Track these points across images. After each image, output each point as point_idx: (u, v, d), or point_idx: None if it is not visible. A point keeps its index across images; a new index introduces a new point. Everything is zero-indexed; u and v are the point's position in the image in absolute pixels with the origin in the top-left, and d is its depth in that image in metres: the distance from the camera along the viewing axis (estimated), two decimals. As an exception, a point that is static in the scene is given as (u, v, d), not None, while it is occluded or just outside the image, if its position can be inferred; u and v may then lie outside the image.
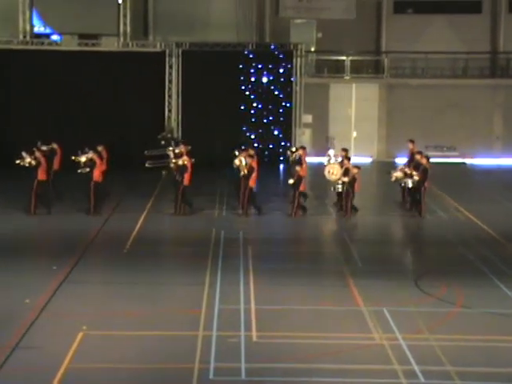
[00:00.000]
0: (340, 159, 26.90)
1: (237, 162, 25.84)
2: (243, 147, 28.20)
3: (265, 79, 38.03)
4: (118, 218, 24.87)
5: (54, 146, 28.07)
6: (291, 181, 25.35)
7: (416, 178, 25.44)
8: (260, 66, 37.95)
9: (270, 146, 38.21)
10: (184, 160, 25.45)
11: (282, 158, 38.05)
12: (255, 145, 35.24)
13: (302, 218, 25.82)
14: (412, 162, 26.81)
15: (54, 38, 37.38)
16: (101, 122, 35.88)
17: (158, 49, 37.50)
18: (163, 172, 31.32)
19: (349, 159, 26.87)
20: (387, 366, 13.09)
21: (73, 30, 37.07)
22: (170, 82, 37.09)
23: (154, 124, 36.39)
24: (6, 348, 13.54)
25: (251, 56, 38.01)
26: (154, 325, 15.08)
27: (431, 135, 40.04)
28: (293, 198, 25.65)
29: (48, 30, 37.33)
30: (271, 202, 27.85)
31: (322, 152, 39.81)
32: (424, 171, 25.50)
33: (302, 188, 25.73)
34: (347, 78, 40.29)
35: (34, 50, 36.82)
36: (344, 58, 40.34)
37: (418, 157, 26.34)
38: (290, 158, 28.72)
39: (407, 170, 25.90)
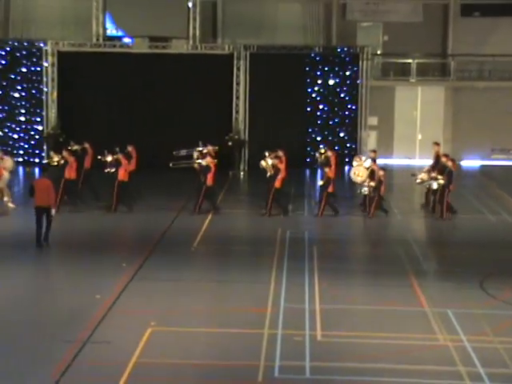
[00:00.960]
0: (369, 161, 26.72)
1: (263, 163, 25.88)
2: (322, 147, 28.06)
3: (331, 82, 37.97)
4: (186, 218, 25.01)
5: (86, 145, 28.26)
6: (321, 182, 25.37)
7: (441, 180, 25.20)
8: (326, 69, 37.90)
9: (336, 148, 38.08)
10: (208, 161, 25.59)
11: (347, 160, 37.98)
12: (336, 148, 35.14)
13: (366, 219, 25.72)
14: (437, 165, 26.53)
15: (126, 40, 37.79)
16: (169, 123, 36.25)
17: (226, 51, 37.68)
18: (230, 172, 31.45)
19: (375, 161, 26.69)
20: (452, 368, 12.95)
21: (144, 33, 37.45)
22: (238, 83, 37.23)
23: (222, 125, 36.58)
24: (77, 342, 13.73)
25: (318, 58, 37.99)
26: (220, 322, 15.16)
27: (497, 138, 39.59)
28: (320, 198, 25.67)
29: (120, 33, 37.75)
30: (338, 203, 27.77)
31: (388, 154, 39.80)
32: (449, 174, 25.24)
33: (330, 189, 25.62)
34: (413, 80, 39.97)
35: (106, 52, 37.32)
36: (410, 60, 40.02)
37: (443, 159, 26.11)
38: (319, 160, 28.39)
39: (432, 173, 25.68)
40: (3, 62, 37.65)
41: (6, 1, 40.86)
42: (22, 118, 37.83)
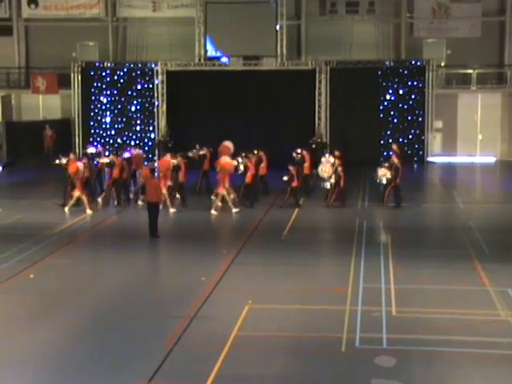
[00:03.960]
0: (332, 160, 26.30)
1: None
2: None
3: (401, 91, 37.49)
4: (275, 212, 24.95)
5: (205, 150, 28.15)
6: (285, 178, 25.10)
7: (389, 175, 24.95)
8: (396, 80, 37.45)
9: (406, 149, 37.62)
10: (178, 161, 25.49)
11: (415, 159, 37.50)
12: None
13: (432, 209, 25.33)
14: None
15: (223, 60, 37.98)
16: (261, 130, 36.29)
17: (309, 67, 37.54)
18: (314, 171, 31.24)
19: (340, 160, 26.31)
20: (512, 340, 12.67)
21: (238, 53, 37.60)
22: (320, 94, 37.05)
23: (306, 131, 36.45)
24: (186, 317, 13.85)
25: (389, 71, 37.60)
26: (307, 300, 15.08)
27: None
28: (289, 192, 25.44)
29: (218, 54, 37.97)
30: (406, 196, 27.40)
31: (452, 153, 39.17)
32: (396, 169, 24.97)
33: (295, 184, 25.28)
34: (473, 88, 39.14)
35: (207, 70, 37.60)
36: (470, 71, 39.23)
37: (394, 158, 25.66)
38: (296, 159, 27.73)
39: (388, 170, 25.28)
40: (122, 80, 38.30)
41: (124, 30, 41.65)
42: (138, 128, 38.45)
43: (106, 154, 28.46)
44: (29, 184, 28.01)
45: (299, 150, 27.95)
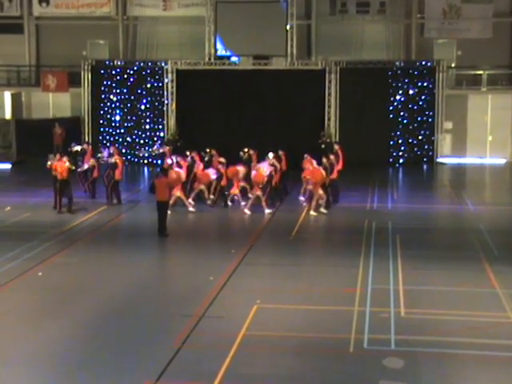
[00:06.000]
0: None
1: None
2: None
3: (411, 91, 37.36)
4: (284, 212, 24.92)
5: (213, 152, 28.09)
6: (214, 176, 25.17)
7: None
8: (407, 80, 37.31)
9: (415, 149, 37.58)
10: (115, 158, 25.48)
11: (425, 160, 37.40)
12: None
13: (442, 210, 25.28)
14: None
15: (233, 59, 37.98)
16: (270, 128, 36.28)
17: (319, 67, 37.44)
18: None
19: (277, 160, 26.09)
20: (521, 342, 12.61)
21: (248, 52, 37.56)
22: (330, 94, 36.97)
23: (316, 130, 36.39)
24: (195, 317, 13.86)
25: (399, 71, 37.44)
26: (315, 300, 15.08)
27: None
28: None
29: (228, 53, 37.96)
30: (415, 197, 27.44)
31: (461, 154, 39.07)
32: (325, 169, 24.72)
33: (223, 182, 25.35)
34: (484, 89, 38.99)
35: (216, 69, 37.60)
36: (481, 72, 39.10)
37: (325, 159, 25.39)
38: (243, 158, 27.42)
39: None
40: (131, 79, 38.31)
41: (134, 28, 41.72)
42: (147, 126, 38.44)
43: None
44: (38, 182, 28.02)
45: (246, 149, 27.60)
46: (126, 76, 38.31)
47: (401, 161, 37.42)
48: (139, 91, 38.19)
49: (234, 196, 25.64)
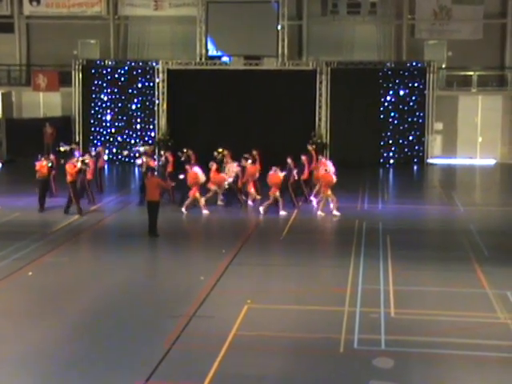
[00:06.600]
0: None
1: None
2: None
3: (401, 92, 37.45)
4: (275, 212, 24.89)
5: (190, 152, 28.04)
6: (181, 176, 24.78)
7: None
8: (397, 81, 37.40)
9: (406, 150, 37.66)
10: (85, 159, 25.48)
11: (415, 160, 37.49)
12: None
13: (432, 211, 25.35)
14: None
15: (224, 59, 37.97)
16: (261, 129, 36.30)
17: (310, 67, 37.50)
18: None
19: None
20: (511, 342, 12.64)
21: (239, 53, 37.58)
22: (321, 95, 37.01)
23: (307, 130, 36.41)
24: (185, 316, 13.86)
25: (390, 72, 37.54)
26: (306, 300, 15.09)
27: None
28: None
29: (219, 53, 37.95)
30: (405, 197, 27.47)
31: (452, 154, 39.16)
32: (288, 170, 24.88)
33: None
34: (474, 90, 39.12)
35: (208, 69, 37.58)
36: (471, 73, 39.22)
37: (290, 160, 25.33)
38: (217, 158, 27.34)
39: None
40: (122, 79, 38.26)
41: (125, 28, 41.64)
42: (138, 126, 38.42)
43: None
44: (28, 182, 27.95)
45: (220, 150, 27.49)
46: (116, 76, 38.26)
47: (391, 161, 37.51)
48: (130, 91, 38.15)
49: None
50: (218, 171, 25.49)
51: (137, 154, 31.51)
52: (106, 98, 38.37)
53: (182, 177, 24.80)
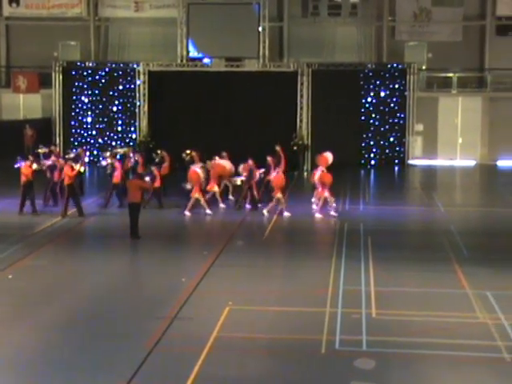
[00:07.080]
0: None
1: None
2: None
3: (382, 94, 37.64)
4: (257, 213, 24.92)
5: (164, 153, 27.89)
6: (189, 186, 24.52)
7: (243, 178, 25.30)
8: (378, 82, 37.59)
9: (387, 151, 37.81)
10: (53, 160, 25.72)
11: (396, 161, 37.64)
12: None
13: (412, 212, 25.46)
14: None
15: (206, 61, 37.96)
16: (242, 130, 36.32)
17: (291, 69, 37.59)
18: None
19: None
20: (491, 342, 12.69)
21: (221, 54, 37.62)
22: (302, 96, 37.11)
23: (288, 132, 36.47)
24: (167, 318, 13.82)
25: (370, 74, 37.73)
26: (288, 302, 15.11)
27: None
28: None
29: (200, 55, 37.96)
30: (386, 198, 27.56)
31: (432, 156, 39.36)
32: (250, 172, 25.02)
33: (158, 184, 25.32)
34: (454, 92, 39.45)
35: (189, 71, 37.56)
36: (451, 74, 39.55)
37: (251, 162, 25.34)
38: (186, 160, 27.27)
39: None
40: (103, 80, 38.16)
41: (106, 30, 41.56)
42: (119, 128, 38.34)
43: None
44: (7, 184, 27.79)
45: (188, 151, 27.37)
46: (97, 77, 38.17)
47: (372, 162, 37.66)
48: (111, 92, 38.06)
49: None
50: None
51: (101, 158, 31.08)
52: (86, 100, 38.25)
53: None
